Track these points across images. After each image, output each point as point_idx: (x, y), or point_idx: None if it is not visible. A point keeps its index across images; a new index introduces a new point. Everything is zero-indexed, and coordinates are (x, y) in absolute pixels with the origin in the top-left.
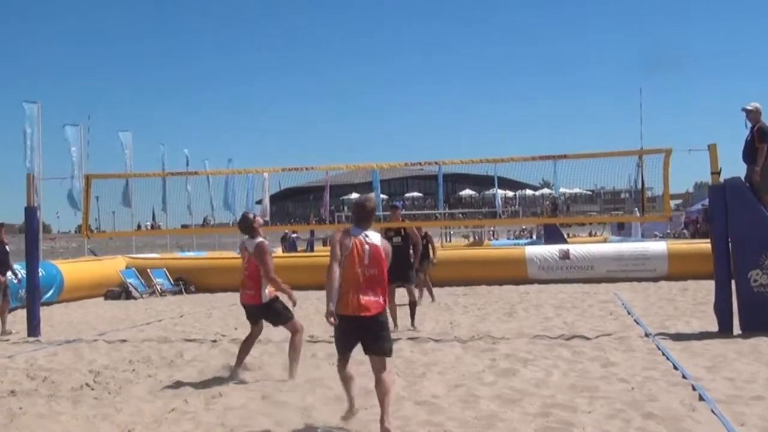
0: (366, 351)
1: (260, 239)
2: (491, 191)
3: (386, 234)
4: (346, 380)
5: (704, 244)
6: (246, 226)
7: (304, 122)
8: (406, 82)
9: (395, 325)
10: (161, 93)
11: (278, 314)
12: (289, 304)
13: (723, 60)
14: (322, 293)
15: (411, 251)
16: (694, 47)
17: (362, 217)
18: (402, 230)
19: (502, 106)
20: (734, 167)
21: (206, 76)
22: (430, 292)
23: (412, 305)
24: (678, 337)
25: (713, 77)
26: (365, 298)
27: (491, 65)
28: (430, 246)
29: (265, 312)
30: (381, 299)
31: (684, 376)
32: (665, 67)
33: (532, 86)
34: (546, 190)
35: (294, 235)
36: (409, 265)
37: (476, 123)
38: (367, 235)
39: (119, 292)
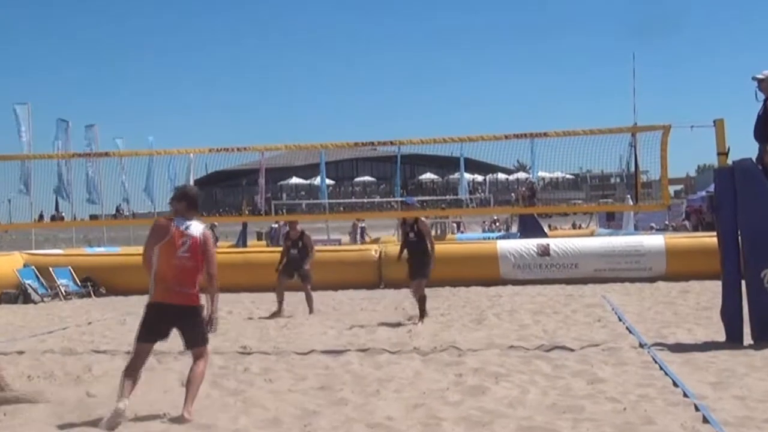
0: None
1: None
2: (456, 175)
3: (403, 229)
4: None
5: (709, 238)
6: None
7: (236, 95)
8: (355, 47)
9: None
10: (65, 60)
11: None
12: None
13: (731, 21)
14: (256, 296)
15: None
16: (697, 4)
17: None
18: (415, 225)
19: (470, 77)
20: (745, 147)
21: (120, 39)
22: None
23: (421, 300)
24: (678, 347)
25: (719, 41)
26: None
27: (457, 30)
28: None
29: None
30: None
31: (685, 395)
32: (663, 29)
33: (505, 54)
34: (521, 174)
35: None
36: (427, 259)
37: (439, 97)
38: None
39: (15, 294)
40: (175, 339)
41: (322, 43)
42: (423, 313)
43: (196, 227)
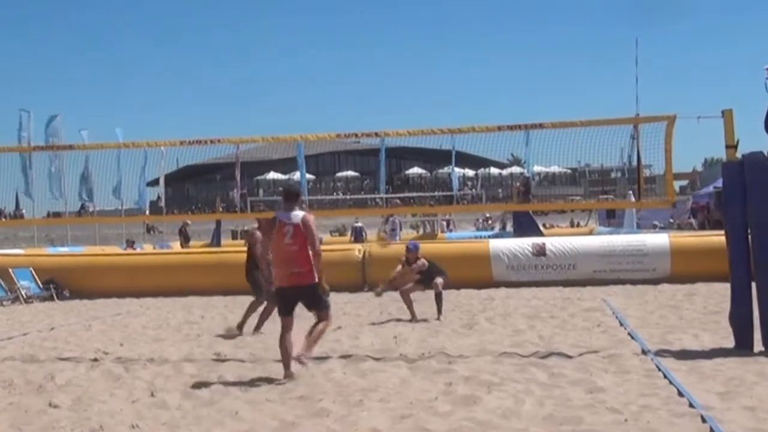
0: None
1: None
2: (446, 170)
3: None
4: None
5: (716, 237)
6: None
7: (209, 84)
8: (338, 32)
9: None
10: (25, 46)
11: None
12: None
13: (741, 6)
14: (230, 299)
15: None
16: None
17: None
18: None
19: (462, 65)
20: (755, 139)
21: (86, 24)
22: None
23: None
24: (683, 354)
25: (728, 27)
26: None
27: (448, 16)
28: None
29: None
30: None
31: (691, 405)
32: (668, 13)
33: (498, 40)
34: (516, 169)
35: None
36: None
37: (428, 86)
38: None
39: None
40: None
41: (301, 28)
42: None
43: (296, 216)
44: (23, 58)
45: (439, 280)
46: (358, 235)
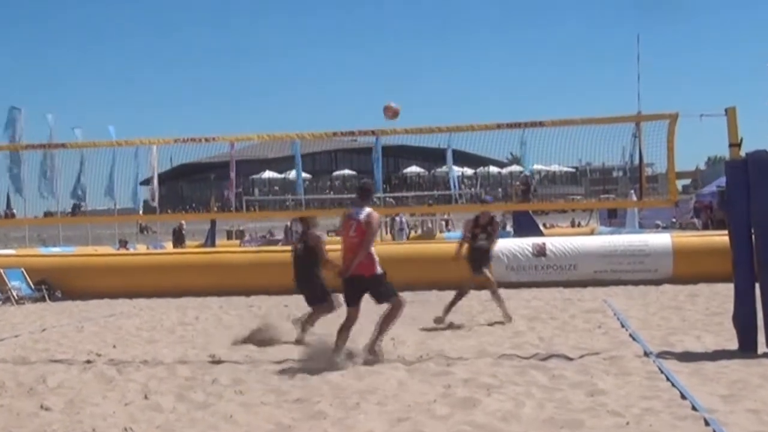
0: None
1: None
2: (444, 169)
3: (474, 230)
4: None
5: (719, 237)
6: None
7: (204, 82)
8: (334, 30)
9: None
10: (15, 43)
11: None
12: None
13: (745, 2)
14: (225, 300)
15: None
16: None
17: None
18: (489, 226)
19: (460, 63)
20: (759, 137)
21: (77, 22)
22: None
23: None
24: (686, 356)
25: (732, 24)
26: None
27: (446, 12)
28: None
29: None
30: None
31: (694, 408)
32: (671, 9)
33: (497, 37)
34: (515, 168)
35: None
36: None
37: (426, 85)
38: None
39: None
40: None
41: (297, 25)
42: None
43: (364, 212)
44: (16, 55)
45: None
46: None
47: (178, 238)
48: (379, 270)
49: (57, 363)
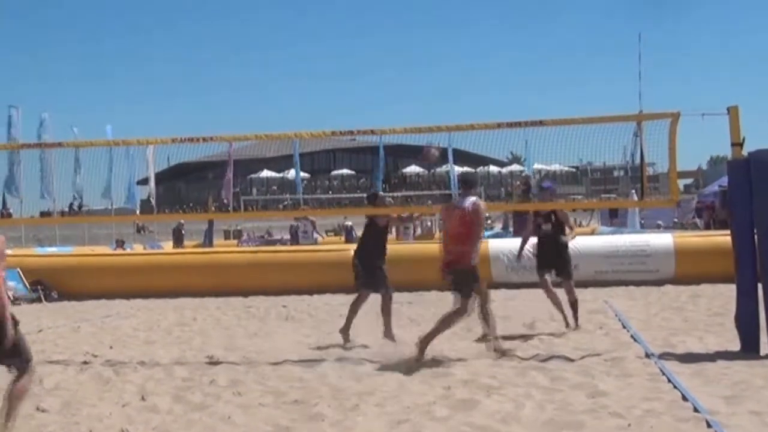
0: None
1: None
2: (444, 168)
3: (536, 220)
4: None
5: (722, 237)
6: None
7: (202, 80)
8: (333, 26)
9: (567, 323)
10: (11, 39)
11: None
12: None
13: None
14: (223, 300)
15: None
16: None
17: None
18: (552, 215)
19: (460, 60)
20: (762, 137)
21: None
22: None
23: (574, 304)
24: (688, 358)
25: (734, 22)
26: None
27: (446, 8)
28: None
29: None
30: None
31: (696, 410)
32: (672, 7)
33: (497, 34)
34: (516, 167)
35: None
36: (568, 255)
37: (425, 82)
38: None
39: None
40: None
41: (294, 22)
42: (576, 319)
43: (468, 201)
44: (12, 54)
45: (571, 282)
46: (349, 235)
47: (178, 238)
48: (474, 262)
49: (53, 364)
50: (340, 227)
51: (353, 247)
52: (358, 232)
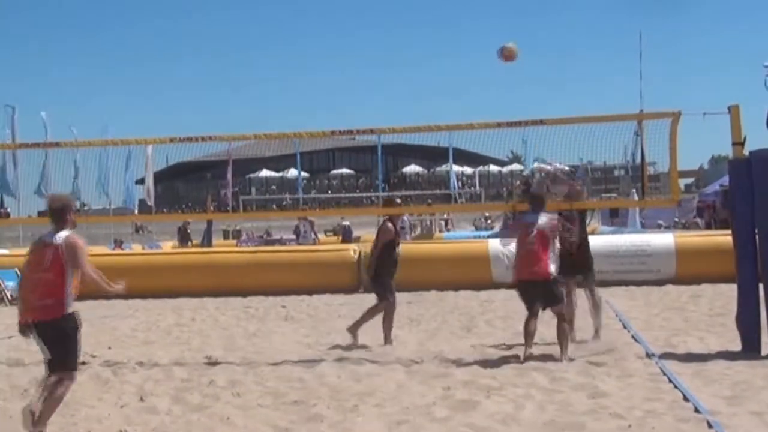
0: None
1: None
2: (444, 167)
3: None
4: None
5: (723, 237)
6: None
7: (200, 79)
8: (332, 23)
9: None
10: (10, 38)
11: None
12: None
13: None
14: (222, 301)
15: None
16: None
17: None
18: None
19: (458, 59)
20: (763, 136)
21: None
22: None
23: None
24: (689, 358)
25: (736, 20)
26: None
27: (444, 4)
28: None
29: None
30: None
31: (697, 410)
32: (673, 6)
33: (495, 32)
34: (516, 166)
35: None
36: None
37: (425, 81)
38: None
39: None
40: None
41: (294, 19)
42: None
43: (541, 219)
44: (9, 53)
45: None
46: (346, 235)
47: (183, 237)
48: (552, 272)
49: None
50: (339, 227)
51: (354, 247)
52: (357, 233)
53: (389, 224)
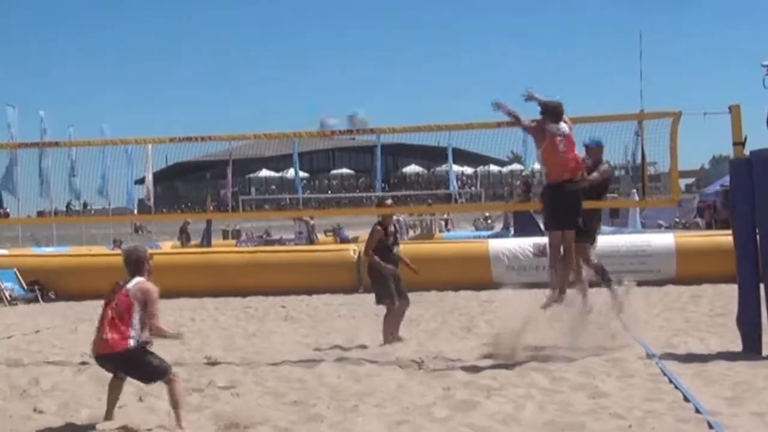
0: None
1: None
2: (444, 167)
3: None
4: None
5: (723, 237)
6: None
7: (199, 78)
8: (331, 21)
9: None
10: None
11: None
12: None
13: None
14: (221, 301)
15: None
16: None
17: None
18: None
19: (458, 57)
20: (764, 136)
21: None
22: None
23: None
24: (689, 358)
25: (737, 19)
26: None
27: (443, 6)
28: None
29: None
30: None
31: (698, 410)
32: (673, 5)
33: (496, 31)
34: (516, 166)
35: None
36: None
37: (424, 80)
38: None
39: None
40: None
41: (294, 19)
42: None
43: (563, 126)
44: (9, 52)
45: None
46: (338, 235)
47: (187, 237)
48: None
49: (51, 365)
50: (339, 227)
51: (354, 247)
52: (357, 233)
53: (377, 226)
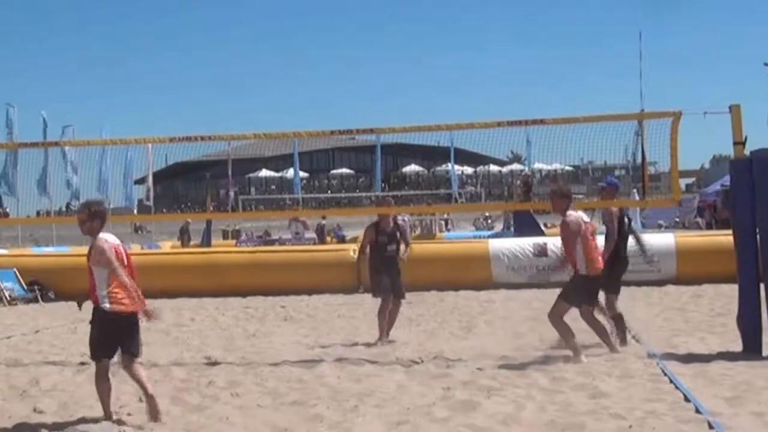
0: None
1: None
2: (444, 167)
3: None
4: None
5: (724, 237)
6: None
7: (199, 78)
8: (331, 21)
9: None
10: (10, 38)
11: None
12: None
13: None
14: (221, 301)
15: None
16: None
17: None
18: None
19: (457, 56)
20: (764, 136)
21: (70, 15)
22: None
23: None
24: (690, 358)
25: (738, 17)
26: None
27: (443, 6)
28: None
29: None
30: None
31: (698, 411)
32: (673, 4)
33: (495, 30)
34: (516, 166)
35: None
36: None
37: (424, 79)
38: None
39: None
40: None
41: (294, 19)
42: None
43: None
44: (9, 51)
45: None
46: (321, 235)
47: (188, 237)
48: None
49: (50, 365)
50: (339, 227)
51: (345, 247)
52: (357, 233)
53: (371, 225)
